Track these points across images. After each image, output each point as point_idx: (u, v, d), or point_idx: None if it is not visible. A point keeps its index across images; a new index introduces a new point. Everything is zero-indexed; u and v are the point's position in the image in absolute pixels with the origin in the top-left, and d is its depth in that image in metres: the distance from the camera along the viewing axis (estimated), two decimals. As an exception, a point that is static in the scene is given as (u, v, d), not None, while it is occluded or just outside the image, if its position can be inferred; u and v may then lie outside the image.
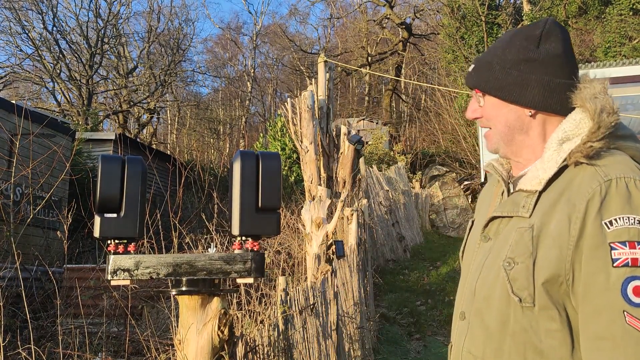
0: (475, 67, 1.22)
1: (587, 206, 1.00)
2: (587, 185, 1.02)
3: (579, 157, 1.05)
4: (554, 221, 1.04)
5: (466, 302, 1.20)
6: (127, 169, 1.67)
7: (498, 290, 1.09)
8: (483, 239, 1.20)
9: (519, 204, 1.12)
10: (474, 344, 1.15)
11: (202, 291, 1.70)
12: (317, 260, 4.65)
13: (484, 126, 1.24)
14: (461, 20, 19.76)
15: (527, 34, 1.17)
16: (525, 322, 1.05)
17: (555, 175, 1.09)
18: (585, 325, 1.00)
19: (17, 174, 6.76)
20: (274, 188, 1.65)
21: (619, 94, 11.03)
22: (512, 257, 1.07)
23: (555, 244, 1.03)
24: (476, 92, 1.22)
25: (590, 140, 1.05)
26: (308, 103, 7.49)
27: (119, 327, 5.43)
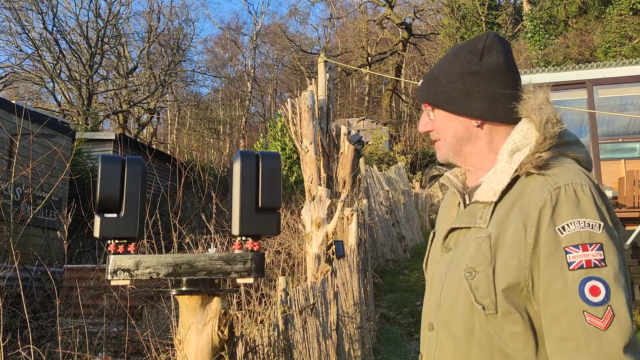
0: (424, 82, 1.27)
1: (539, 214, 1.05)
2: (538, 194, 1.07)
3: (529, 167, 1.10)
4: (509, 230, 1.08)
5: (432, 313, 1.22)
6: (127, 169, 1.67)
7: (461, 299, 1.12)
8: (444, 249, 1.23)
9: (476, 215, 1.16)
10: (443, 354, 1.17)
11: (202, 291, 1.70)
12: (317, 260, 4.65)
13: (434, 139, 1.28)
14: (461, 20, 19.76)
15: (471, 48, 1.22)
16: (490, 328, 1.08)
17: (508, 185, 1.13)
18: (549, 329, 1.04)
19: (17, 174, 6.76)
20: (274, 188, 1.65)
21: (619, 94, 11.03)
22: (472, 267, 1.10)
23: (513, 252, 1.06)
24: (425, 107, 1.27)
25: (538, 151, 1.10)
26: (308, 103, 7.50)
27: (119, 327, 5.43)
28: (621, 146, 11.09)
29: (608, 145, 11.00)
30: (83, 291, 5.63)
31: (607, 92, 10.83)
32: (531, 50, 17.78)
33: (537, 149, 1.11)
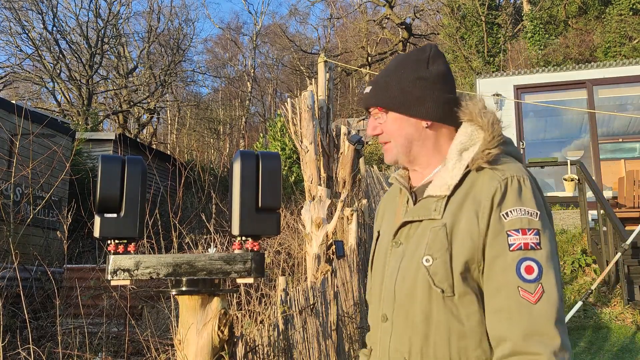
0: (373, 88, 1.36)
1: (491, 201, 1.19)
2: (488, 184, 1.21)
3: (481, 162, 1.23)
4: (463, 218, 1.21)
5: (386, 304, 1.30)
6: (127, 169, 1.67)
7: (419, 286, 1.22)
8: (394, 245, 1.32)
9: (430, 208, 1.26)
10: (400, 342, 1.25)
11: (202, 291, 1.70)
12: (317, 260, 4.65)
13: (383, 141, 1.37)
14: (461, 20, 19.76)
15: (417, 58, 1.35)
16: (447, 310, 1.19)
17: (459, 181, 1.26)
18: (488, 301, 1.18)
19: (17, 174, 6.76)
20: (274, 188, 1.65)
21: (619, 94, 11.03)
22: (430, 254, 1.21)
23: (467, 236, 1.19)
24: (378, 110, 1.36)
25: (488, 148, 1.24)
26: (308, 103, 7.50)
27: (119, 327, 5.43)
28: (621, 146, 11.09)
29: (608, 145, 11.01)
30: (83, 291, 5.63)
31: (607, 92, 10.83)
32: (531, 50, 17.78)
33: (487, 146, 1.24)
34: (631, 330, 6.08)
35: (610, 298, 6.73)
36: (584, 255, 7.72)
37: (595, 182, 8.15)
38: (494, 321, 1.16)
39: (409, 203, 1.35)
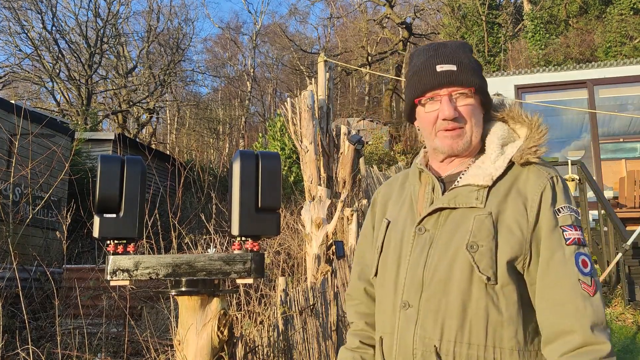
0: (460, 67, 1.31)
1: (541, 197, 1.23)
2: (535, 180, 1.25)
3: (531, 158, 1.28)
4: (509, 210, 1.24)
5: (409, 291, 1.28)
6: (127, 169, 1.66)
7: (458, 273, 1.22)
8: (418, 232, 1.31)
9: (469, 197, 1.27)
10: (429, 328, 1.23)
11: (201, 292, 1.69)
12: (317, 260, 4.64)
13: (457, 126, 1.31)
14: (461, 19, 19.75)
15: (470, 49, 1.39)
16: (488, 298, 1.20)
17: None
18: (547, 295, 1.20)
19: (16, 174, 6.75)
20: (274, 188, 1.64)
21: (619, 94, 11.01)
22: (474, 241, 1.22)
23: (516, 227, 1.22)
24: (469, 91, 1.31)
25: (536, 145, 1.29)
26: (308, 103, 7.48)
27: (118, 328, 5.41)
28: (622, 146, 11.08)
29: (609, 145, 10.99)
30: (82, 291, 5.62)
31: (607, 92, 10.81)
32: (532, 49, 17.77)
33: (535, 142, 1.29)
34: (632, 330, 6.06)
35: (611, 298, 6.72)
36: (585, 255, 7.72)
37: (596, 182, 8.13)
38: (556, 313, 1.18)
39: (435, 191, 1.34)
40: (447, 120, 1.29)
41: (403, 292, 1.29)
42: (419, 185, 1.40)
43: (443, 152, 1.33)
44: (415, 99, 1.35)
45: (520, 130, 1.34)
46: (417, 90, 1.34)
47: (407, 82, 1.41)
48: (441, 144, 1.32)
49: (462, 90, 1.30)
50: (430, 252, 1.27)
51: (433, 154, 1.40)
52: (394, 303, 1.31)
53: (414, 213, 1.36)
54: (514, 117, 1.35)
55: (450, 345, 1.21)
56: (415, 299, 1.26)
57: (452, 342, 1.21)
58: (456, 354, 1.20)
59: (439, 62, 1.31)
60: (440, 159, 1.38)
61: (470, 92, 1.31)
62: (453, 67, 1.31)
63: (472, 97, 1.32)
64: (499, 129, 1.34)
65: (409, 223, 1.35)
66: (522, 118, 1.34)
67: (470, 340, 1.20)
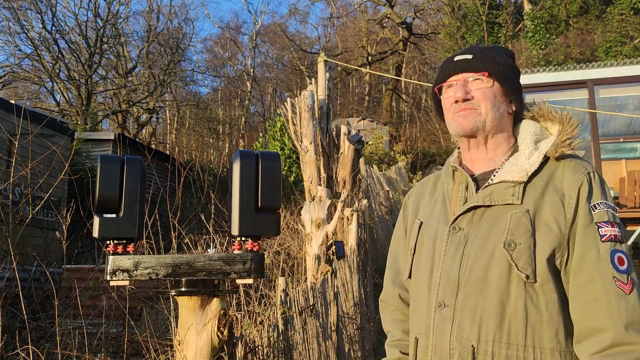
0: (476, 57, 1.36)
1: (578, 193, 1.21)
2: (572, 176, 1.24)
3: (566, 150, 1.27)
4: (546, 206, 1.22)
5: (444, 291, 1.26)
6: (126, 169, 1.66)
7: (496, 271, 1.20)
8: (453, 230, 1.30)
9: (505, 193, 1.26)
10: (466, 328, 1.21)
11: (201, 292, 1.69)
12: (317, 260, 4.64)
13: (470, 107, 1.33)
14: (462, 19, 19.75)
15: (504, 51, 1.42)
16: (527, 297, 1.18)
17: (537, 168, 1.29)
18: (580, 291, 1.18)
19: (16, 174, 6.74)
20: (274, 188, 1.64)
21: (620, 94, 11.01)
22: (512, 239, 1.20)
23: (554, 224, 1.20)
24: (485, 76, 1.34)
25: (569, 137, 1.28)
26: (308, 103, 7.48)
27: (118, 328, 5.41)
28: (622, 146, 11.07)
29: (609, 145, 10.98)
30: (82, 292, 5.62)
31: (608, 92, 10.81)
32: (532, 49, 17.77)
33: (569, 135, 1.29)
34: (632, 330, 6.05)
35: (611, 298, 6.72)
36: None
37: (595, 182, 8.12)
38: (588, 311, 1.16)
39: (468, 189, 1.33)
40: (458, 101, 1.33)
41: (438, 291, 1.27)
42: (452, 183, 1.40)
43: (457, 134, 1.36)
44: (435, 88, 1.42)
45: (552, 128, 1.35)
46: (437, 80, 1.41)
47: (435, 79, 1.48)
48: (454, 126, 1.35)
49: (475, 76, 1.34)
50: (465, 251, 1.26)
51: (462, 146, 1.42)
52: (428, 303, 1.30)
53: (447, 212, 1.35)
54: (544, 114, 1.37)
55: (488, 345, 1.19)
56: (452, 299, 1.25)
57: (491, 342, 1.19)
58: (495, 354, 1.18)
59: (457, 55, 1.40)
60: (466, 146, 1.38)
61: (484, 76, 1.34)
62: (469, 56, 1.37)
63: (488, 82, 1.34)
64: (531, 126, 1.35)
65: (442, 222, 1.35)
66: (552, 115, 1.35)
67: (509, 340, 1.18)
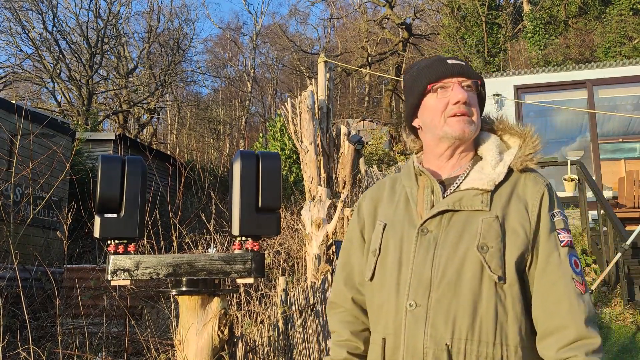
0: (466, 65, 1.43)
1: (540, 202, 1.32)
2: (534, 187, 1.35)
3: (530, 164, 1.37)
4: (512, 213, 1.31)
5: (415, 292, 1.30)
6: (127, 169, 1.67)
7: (468, 273, 1.27)
8: (422, 233, 1.34)
9: (474, 200, 1.33)
10: (440, 328, 1.26)
11: (202, 291, 1.70)
12: (317, 260, 4.65)
13: (465, 112, 1.38)
14: (461, 20, 19.75)
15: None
16: (496, 297, 1.26)
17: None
18: (545, 292, 1.28)
19: (17, 174, 6.76)
20: (274, 188, 1.65)
21: (619, 94, 11.02)
22: (484, 243, 1.27)
23: (520, 230, 1.29)
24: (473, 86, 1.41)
25: (532, 153, 1.38)
26: (308, 103, 7.49)
27: (119, 328, 5.42)
28: (621, 146, 11.08)
29: (608, 145, 10.99)
30: (83, 291, 5.63)
31: (607, 92, 10.82)
32: (531, 50, 17.77)
33: (532, 150, 1.38)
34: (631, 330, 6.07)
35: (611, 298, 6.73)
36: (584, 255, 7.71)
37: (595, 182, 8.14)
38: (553, 311, 1.26)
39: (434, 193, 1.38)
40: (459, 103, 1.36)
41: (409, 292, 1.30)
42: (417, 187, 1.43)
43: (453, 137, 1.37)
44: (430, 84, 1.40)
45: (511, 140, 1.43)
46: (431, 77, 1.40)
47: (414, 77, 1.46)
48: (452, 129, 1.37)
49: (469, 82, 1.40)
50: (436, 253, 1.31)
51: (434, 149, 1.43)
52: (397, 303, 1.32)
53: (412, 214, 1.39)
54: (504, 128, 1.45)
55: (461, 343, 1.24)
56: (424, 299, 1.28)
57: (464, 340, 1.24)
58: (467, 352, 1.24)
59: (448, 58, 1.44)
60: (442, 150, 1.41)
61: (475, 86, 1.41)
62: (462, 62, 1.43)
63: (475, 91, 1.41)
64: (494, 139, 1.43)
65: (408, 224, 1.37)
66: (513, 129, 1.44)
67: (480, 338, 1.24)
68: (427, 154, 1.46)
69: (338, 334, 1.52)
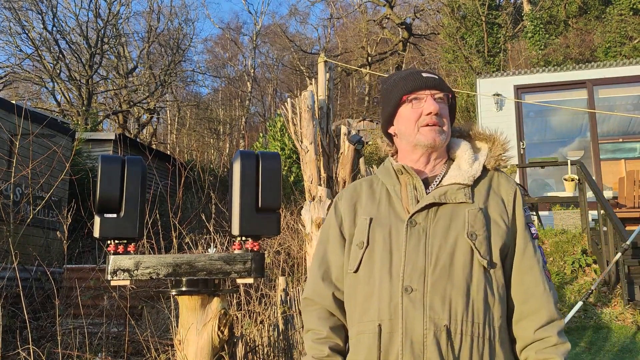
0: (439, 79, 1.54)
1: (514, 198, 1.48)
2: (507, 184, 1.51)
3: (502, 163, 1.54)
4: (492, 206, 1.46)
5: (409, 277, 1.37)
6: (127, 169, 1.67)
7: (460, 258, 1.38)
8: (411, 224, 1.43)
9: (459, 193, 1.45)
10: (437, 311, 1.34)
11: (202, 291, 1.70)
12: (317, 260, 4.64)
13: (439, 123, 1.50)
14: (461, 20, 19.75)
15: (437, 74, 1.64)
16: (485, 281, 1.38)
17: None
18: (523, 278, 1.43)
19: (17, 174, 6.76)
20: (274, 188, 1.65)
21: (619, 94, 11.02)
22: (473, 231, 1.39)
23: (500, 220, 1.44)
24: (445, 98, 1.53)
25: (502, 153, 1.54)
26: (308, 103, 7.49)
27: (119, 328, 5.42)
28: (621, 146, 11.08)
29: (608, 145, 10.99)
30: (83, 291, 5.63)
31: (607, 92, 10.82)
32: (531, 50, 17.77)
33: (501, 151, 1.54)
34: (631, 330, 6.07)
35: (611, 298, 6.73)
36: (584, 255, 7.71)
37: (595, 182, 8.14)
38: (529, 295, 1.42)
39: (417, 189, 1.48)
40: (431, 114, 1.48)
41: (403, 278, 1.37)
42: (399, 185, 1.53)
43: (425, 145, 1.50)
44: (404, 95, 1.52)
45: (480, 144, 1.58)
46: (405, 88, 1.52)
47: (391, 88, 1.58)
48: (424, 137, 1.49)
49: (441, 95, 1.52)
50: (428, 242, 1.40)
51: (410, 155, 1.55)
52: (391, 290, 1.38)
53: (397, 209, 1.48)
54: (474, 134, 1.59)
55: (458, 324, 1.34)
56: (419, 284, 1.36)
57: (460, 321, 1.34)
58: (463, 332, 1.34)
59: (422, 71, 1.55)
60: (417, 157, 1.53)
61: (447, 98, 1.53)
62: (435, 76, 1.54)
63: (446, 103, 1.53)
64: (465, 144, 1.57)
65: (395, 218, 1.47)
66: (482, 135, 1.59)
67: (473, 319, 1.34)
68: (403, 159, 1.57)
69: (316, 331, 1.52)
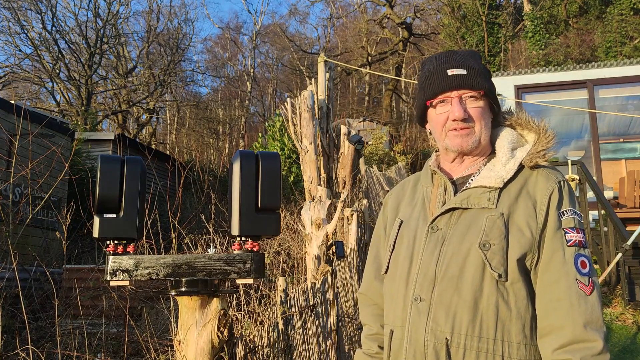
0: (470, 72, 1.40)
1: (549, 200, 1.31)
2: (545, 183, 1.33)
3: (540, 161, 1.36)
4: (519, 210, 1.31)
5: (421, 286, 1.33)
6: (126, 169, 1.66)
7: (470, 269, 1.28)
8: (431, 230, 1.37)
9: (481, 198, 1.34)
10: (440, 322, 1.28)
11: (201, 292, 1.69)
12: (317, 260, 4.64)
13: (466, 127, 1.38)
14: (462, 20, 19.75)
15: (478, 55, 1.46)
16: (498, 294, 1.26)
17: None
18: (545, 290, 1.27)
19: (16, 174, 6.74)
20: (274, 188, 1.64)
21: (619, 94, 11.01)
22: (487, 240, 1.28)
23: (526, 228, 1.29)
24: (479, 94, 1.39)
25: (544, 149, 1.37)
26: (308, 103, 7.48)
27: (118, 328, 5.41)
28: (622, 146, 11.07)
29: (609, 145, 10.99)
30: (82, 292, 5.62)
31: (607, 92, 10.81)
32: (532, 50, 17.77)
33: (544, 147, 1.37)
34: (632, 330, 6.06)
35: (611, 298, 6.72)
36: (585, 255, 7.71)
37: (596, 182, 8.13)
38: (550, 309, 1.26)
39: (447, 192, 1.41)
40: (456, 120, 1.37)
41: (415, 286, 1.34)
42: (432, 186, 1.47)
43: (453, 150, 1.41)
44: (427, 101, 1.43)
45: (528, 136, 1.42)
46: (428, 92, 1.42)
47: (419, 86, 1.48)
48: (451, 143, 1.40)
49: (471, 93, 1.39)
50: (442, 249, 1.33)
51: (444, 156, 1.47)
52: (405, 297, 1.36)
53: (427, 212, 1.42)
54: (521, 123, 1.44)
55: (461, 338, 1.26)
56: (428, 293, 1.31)
57: (464, 335, 1.26)
58: (467, 347, 1.25)
59: (449, 67, 1.40)
60: (451, 158, 1.44)
61: (479, 94, 1.39)
62: (463, 71, 1.39)
63: (481, 100, 1.40)
64: (509, 134, 1.42)
65: (422, 222, 1.41)
66: (530, 124, 1.43)
67: (480, 334, 1.25)
68: (442, 157, 1.50)
69: (369, 327, 1.56)
